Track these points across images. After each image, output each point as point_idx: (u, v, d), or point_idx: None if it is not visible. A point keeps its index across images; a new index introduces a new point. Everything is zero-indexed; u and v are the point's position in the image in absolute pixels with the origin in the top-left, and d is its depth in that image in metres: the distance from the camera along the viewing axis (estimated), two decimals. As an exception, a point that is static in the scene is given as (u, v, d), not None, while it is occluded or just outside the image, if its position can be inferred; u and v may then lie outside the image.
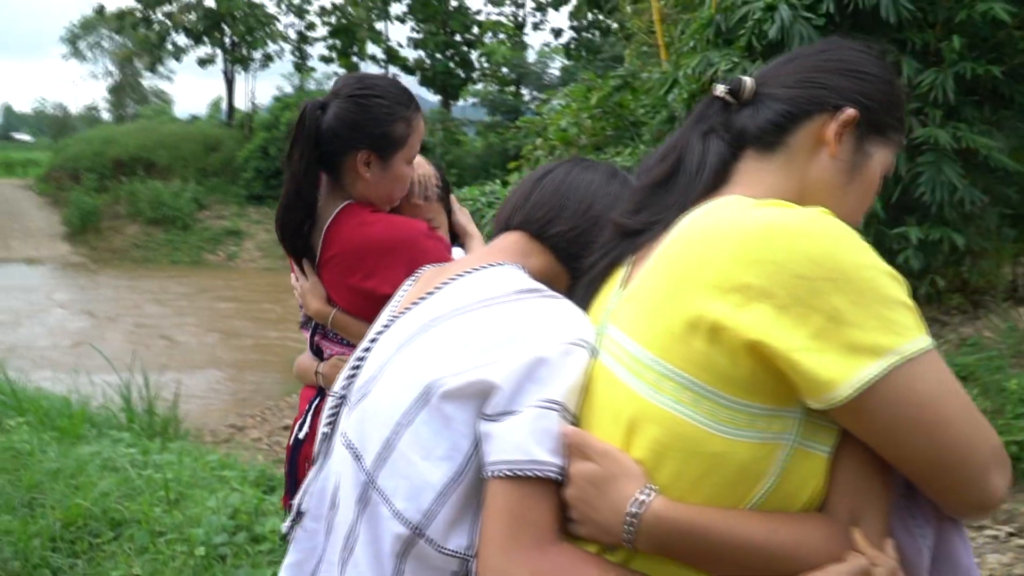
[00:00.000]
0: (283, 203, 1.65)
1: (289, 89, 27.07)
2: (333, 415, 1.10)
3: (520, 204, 1.16)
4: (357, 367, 1.08)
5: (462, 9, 27.12)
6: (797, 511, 0.86)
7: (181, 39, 26.51)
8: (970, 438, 0.83)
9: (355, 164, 1.61)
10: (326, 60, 26.89)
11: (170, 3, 25.85)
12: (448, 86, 26.79)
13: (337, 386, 1.11)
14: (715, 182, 1.02)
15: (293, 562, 1.08)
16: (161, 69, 46.42)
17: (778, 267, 0.81)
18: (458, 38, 27.22)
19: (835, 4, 5.03)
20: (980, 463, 0.83)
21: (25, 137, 49.88)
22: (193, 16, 25.66)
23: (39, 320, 12.07)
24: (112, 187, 22.07)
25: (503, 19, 28.06)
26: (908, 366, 0.80)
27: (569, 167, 1.18)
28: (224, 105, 28.12)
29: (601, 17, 23.52)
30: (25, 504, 2.88)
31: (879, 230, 4.83)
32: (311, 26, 27.44)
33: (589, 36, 26.54)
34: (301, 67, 27.56)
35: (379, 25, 27.34)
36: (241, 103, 28.13)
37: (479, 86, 27.01)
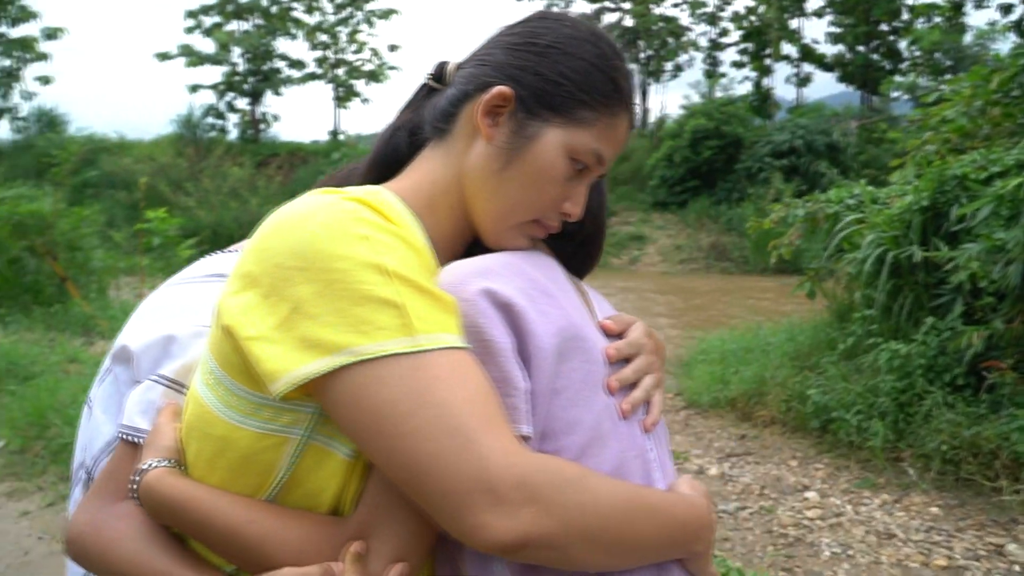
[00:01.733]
0: None
1: (696, 98, 27.34)
2: None
3: None
4: None
5: (889, -6, 24.84)
6: (325, 512, 0.83)
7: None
8: (440, 461, 0.72)
9: None
10: (738, 65, 26.67)
11: (593, 25, 27.98)
12: (869, 80, 24.74)
13: None
14: (382, 175, 0.99)
15: None
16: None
17: (267, 255, 0.79)
18: (884, 27, 24.98)
19: None
20: (453, 492, 0.71)
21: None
22: (612, 35, 27.36)
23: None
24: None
25: (938, 0, 25.02)
26: (364, 368, 0.74)
27: None
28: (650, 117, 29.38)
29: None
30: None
31: None
32: (724, 32, 27.49)
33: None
34: (712, 74, 27.72)
35: (793, 23, 26.30)
36: (657, 113, 29.21)
37: (906, 77, 24.46)
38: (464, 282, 0.85)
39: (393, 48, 28.35)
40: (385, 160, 1.03)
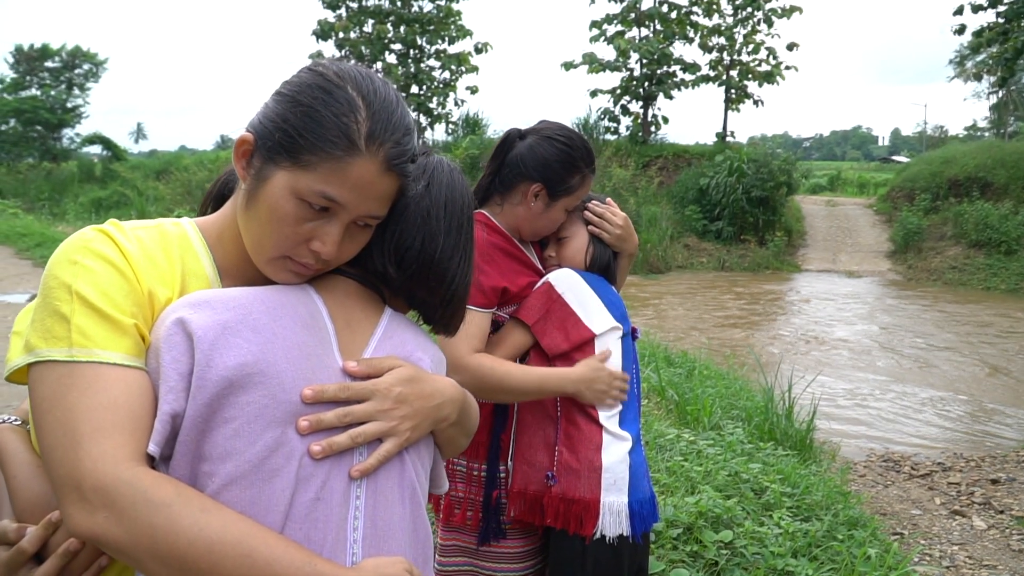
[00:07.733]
0: None
1: None
2: None
3: None
4: None
5: None
6: None
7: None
8: (54, 455, 0.86)
9: (527, 192, 1.87)
10: None
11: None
12: None
13: None
14: (215, 209, 1.17)
15: None
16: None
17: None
18: None
19: None
20: (57, 483, 0.85)
21: (903, 159, 51.86)
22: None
23: (811, 326, 13.03)
24: (943, 207, 21.87)
25: None
26: (37, 368, 0.89)
27: None
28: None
29: None
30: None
31: None
32: None
33: None
34: None
35: None
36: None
37: None
38: (173, 310, 0.95)
39: (791, 47, 27.16)
40: (215, 196, 1.21)
